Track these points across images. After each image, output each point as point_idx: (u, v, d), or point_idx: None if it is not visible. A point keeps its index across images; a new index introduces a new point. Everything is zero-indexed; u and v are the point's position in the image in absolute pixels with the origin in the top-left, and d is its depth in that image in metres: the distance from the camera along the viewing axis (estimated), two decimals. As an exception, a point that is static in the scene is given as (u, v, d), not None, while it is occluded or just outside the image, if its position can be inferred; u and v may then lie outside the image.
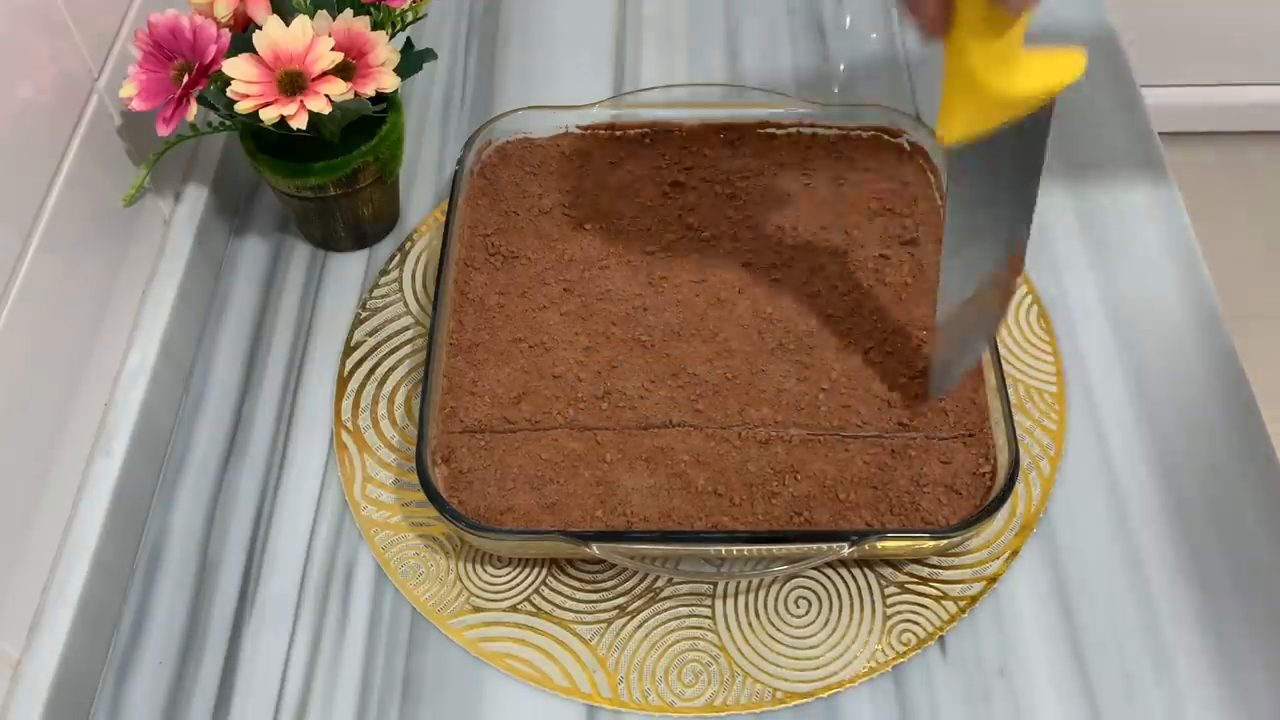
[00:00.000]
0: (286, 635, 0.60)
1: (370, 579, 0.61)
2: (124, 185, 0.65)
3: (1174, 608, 0.59)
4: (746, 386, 0.62)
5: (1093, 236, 0.73)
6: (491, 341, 0.64)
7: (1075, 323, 0.69)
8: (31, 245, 0.56)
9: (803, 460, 0.60)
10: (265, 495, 0.65)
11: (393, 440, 0.66)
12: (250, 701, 0.58)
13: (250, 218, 0.76)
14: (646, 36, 0.86)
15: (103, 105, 0.63)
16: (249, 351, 0.70)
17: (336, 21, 0.63)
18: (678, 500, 0.58)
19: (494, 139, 0.73)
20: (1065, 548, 0.61)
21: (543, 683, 0.58)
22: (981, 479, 0.59)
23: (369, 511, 0.63)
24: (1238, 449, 0.64)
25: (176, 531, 0.63)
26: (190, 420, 0.68)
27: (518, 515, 0.58)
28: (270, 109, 0.59)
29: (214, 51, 0.60)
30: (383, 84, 0.62)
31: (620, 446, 0.60)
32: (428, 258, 0.73)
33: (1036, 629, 0.59)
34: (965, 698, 0.57)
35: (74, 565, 0.57)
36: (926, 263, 0.67)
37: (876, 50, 0.84)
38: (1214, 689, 0.56)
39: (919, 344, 0.64)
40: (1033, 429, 0.65)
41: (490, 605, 0.60)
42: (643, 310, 0.66)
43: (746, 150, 0.72)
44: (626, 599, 0.60)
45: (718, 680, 0.57)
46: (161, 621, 0.60)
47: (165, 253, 0.69)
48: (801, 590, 0.60)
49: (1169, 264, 0.72)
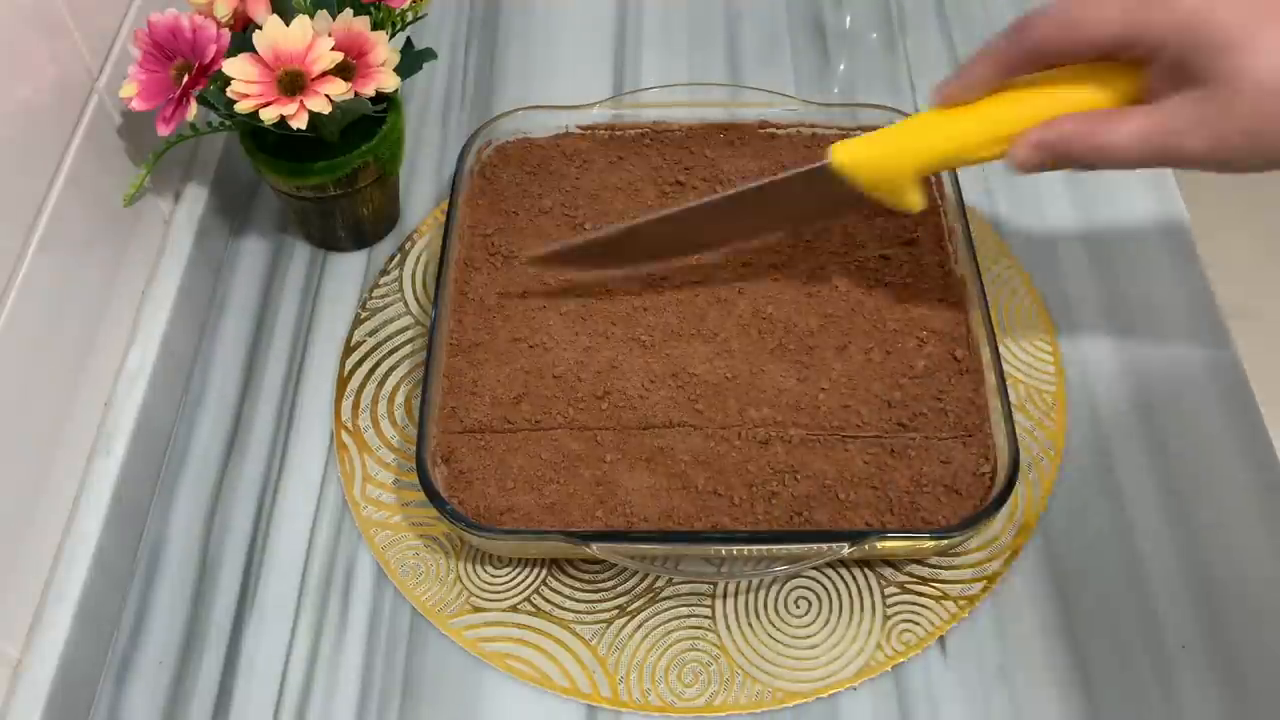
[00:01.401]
0: (286, 635, 0.60)
1: (370, 579, 0.61)
2: (124, 185, 0.65)
3: (1174, 608, 0.59)
4: (746, 386, 0.62)
5: (1093, 236, 0.73)
6: (491, 341, 0.64)
7: (1075, 323, 0.69)
8: (31, 245, 0.55)
9: (803, 460, 0.60)
10: (265, 495, 0.65)
11: (393, 440, 0.66)
12: (250, 701, 0.58)
13: (250, 218, 0.76)
14: (646, 36, 0.86)
15: (103, 105, 0.63)
16: (249, 351, 0.70)
17: (336, 21, 0.63)
18: (678, 500, 0.58)
19: (494, 139, 0.73)
20: (1065, 548, 0.61)
21: (543, 683, 0.58)
22: (981, 479, 0.59)
23: (369, 511, 0.63)
24: (1238, 449, 0.64)
25: (176, 531, 0.63)
26: (190, 420, 0.68)
27: (518, 515, 0.58)
28: (270, 109, 0.59)
29: (214, 51, 0.60)
30: (383, 84, 0.62)
31: (620, 446, 0.60)
32: (428, 258, 0.73)
33: (1036, 629, 0.59)
34: (965, 698, 0.57)
35: (74, 565, 0.57)
36: (926, 263, 0.67)
37: (876, 50, 0.84)
38: (1214, 689, 0.56)
39: (919, 344, 0.64)
40: (1033, 429, 0.65)
41: (490, 605, 0.60)
42: (643, 310, 0.66)
43: (746, 150, 0.72)
44: (626, 599, 0.60)
45: (718, 680, 0.57)
46: (161, 621, 0.60)
47: (165, 252, 0.69)
48: (801, 590, 0.60)
49: (1169, 264, 0.72)
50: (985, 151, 0.52)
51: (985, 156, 0.52)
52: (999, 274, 0.71)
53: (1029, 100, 0.50)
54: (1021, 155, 0.50)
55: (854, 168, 0.56)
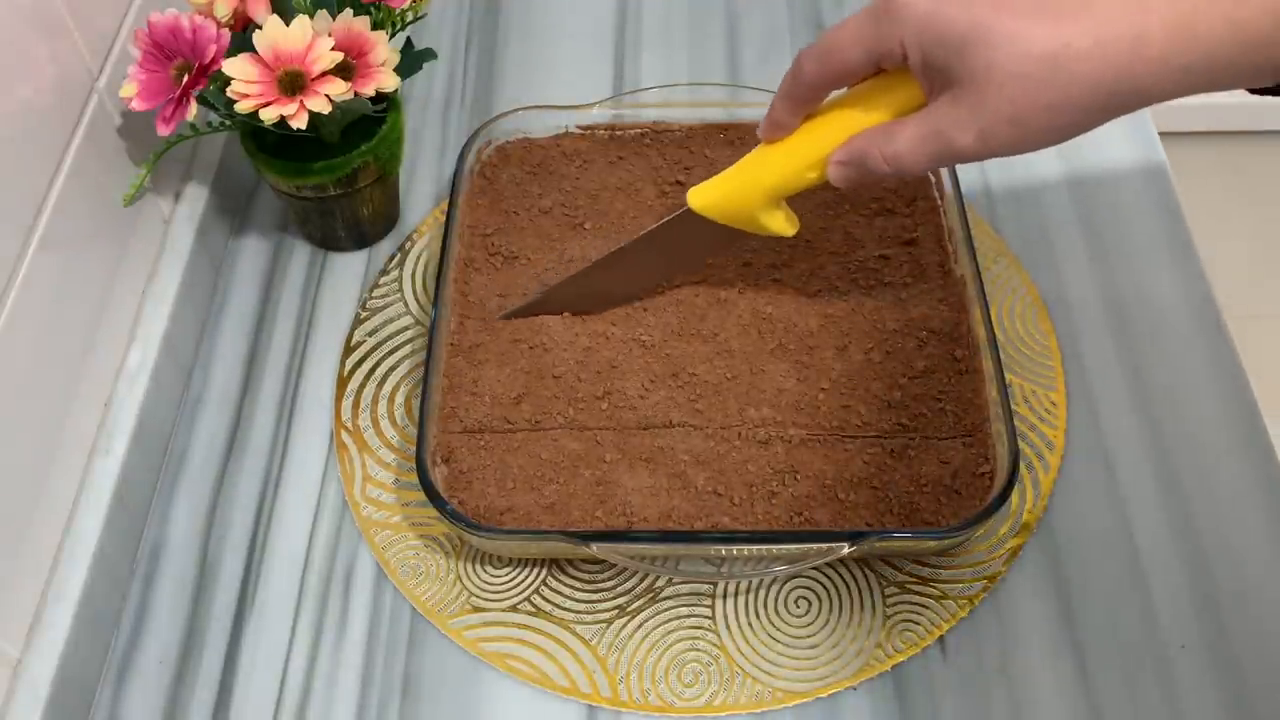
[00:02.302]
0: (286, 635, 0.60)
1: (370, 579, 0.61)
2: (124, 185, 0.65)
3: (1174, 608, 0.59)
4: (746, 386, 0.62)
5: (1093, 236, 0.73)
6: (492, 341, 0.64)
7: (1075, 323, 0.69)
8: (32, 244, 0.55)
9: (803, 460, 0.60)
10: (265, 495, 0.65)
11: (393, 440, 0.66)
12: (250, 701, 0.58)
13: (250, 218, 0.76)
14: (646, 36, 0.86)
15: (103, 105, 0.63)
16: (249, 351, 0.70)
17: (336, 21, 0.63)
18: (678, 500, 0.58)
19: (494, 139, 0.73)
20: (1065, 548, 0.61)
21: (542, 683, 0.58)
22: (981, 479, 0.59)
23: (369, 511, 0.63)
24: (1238, 449, 0.64)
25: (176, 531, 0.63)
26: (190, 419, 0.68)
27: (518, 515, 0.58)
28: (270, 109, 0.59)
29: (214, 51, 0.60)
30: (383, 84, 0.62)
31: (620, 446, 0.60)
32: (428, 258, 0.73)
33: (1036, 629, 0.59)
34: (965, 698, 0.57)
35: (74, 565, 0.57)
36: (926, 263, 0.67)
37: (876, 50, 0.84)
38: (1213, 689, 0.56)
39: (919, 344, 0.64)
40: (1033, 429, 0.65)
41: (490, 605, 0.60)
42: (643, 310, 0.66)
43: (746, 150, 0.72)
44: (626, 599, 0.60)
45: (718, 680, 0.57)
46: (161, 621, 0.60)
47: (165, 252, 0.69)
48: (801, 590, 0.60)
49: (1169, 264, 0.72)
50: (812, 173, 0.54)
51: (813, 178, 0.55)
52: (999, 274, 0.71)
53: (829, 124, 0.53)
54: (832, 174, 0.53)
55: (707, 209, 0.59)
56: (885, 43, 0.48)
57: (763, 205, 0.58)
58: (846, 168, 0.52)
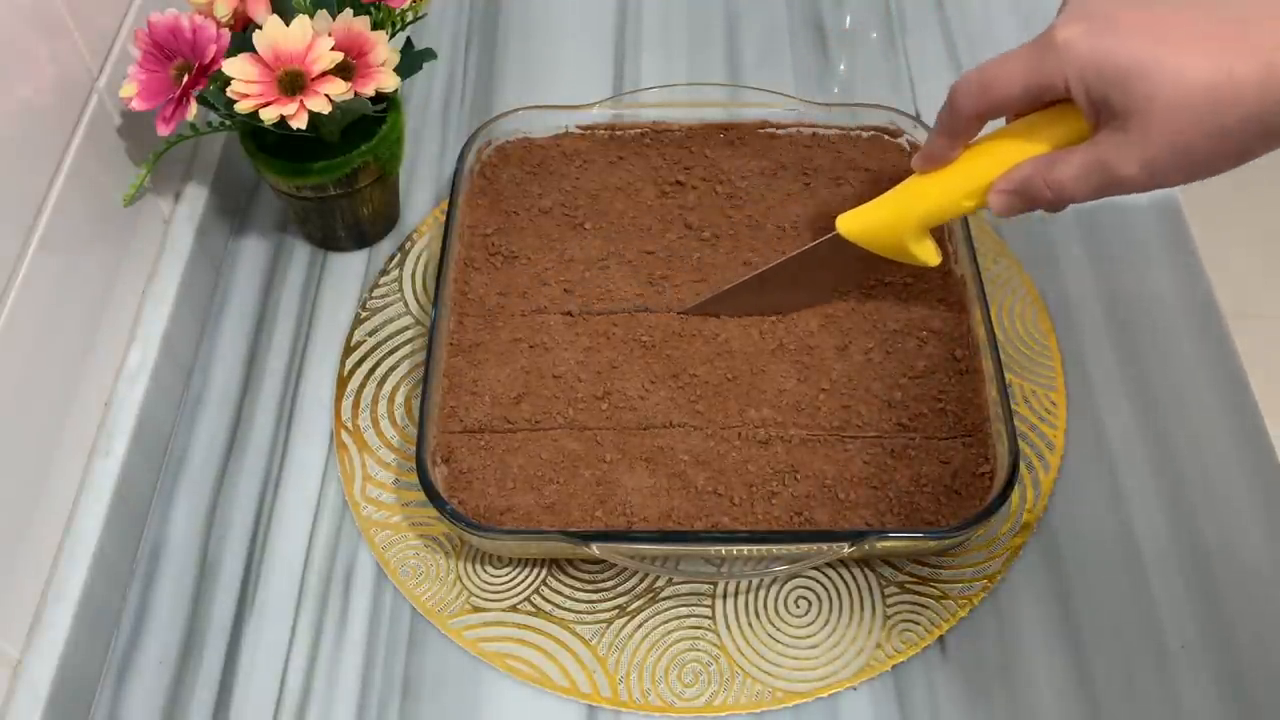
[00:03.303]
0: (286, 635, 0.60)
1: (370, 579, 0.61)
2: (124, 185, 0.65)
3: (1174, 607, 0.59)
4: (747, 387, 0.62)
5: (1093, 236, 0.73)
6: (492, 341, 0.64)
7: (1075, 323, 0.69)
8: (31, 244, 0.55)
9: (803, 460, 0.60)
10: (265, 495, 0.65)
11: (393, 440, 0.66)
12: (250, 701, 0.58)
13: (250, 217, 0.76)
14: (646, 36, 0.86)
15: (103, 105, 0.63)
16: (249, 351, 0.70)
17: (336, 21, 0.63)
18: (678, 500, 0.58)
19: (494, 139, 0.73)
20: (1065, 548, 0.61)
21: (543, 683, 0.58)
22: (981, 479, 0.59)
23: (369, 511, 0.63)
24: (1237, 449, 0.64)
25: (176, 531, 0.63)
26: (190, 420, 0.68)
27: (518, 515, 0.58)
28: (270, 109, 0.59)
29: (214, 51, 0.60)
30: (383, 84, 0.62)
31: (620, 446, 0.60)
32: (428, 258, 0.73)
33: (1036, 629, 0.59)
34: (965, 698, 0.57)
35: (74, 565, 0.57)
36: (926, 263, 0.67)
37: (876, 50, 0.84)
38: (1213, 689, 0.56)
39: (919, 344, 0.64)
40: (1033, 429, 0.65)
41: (490, 605, 0.60)
42: (643, 310, 0.66)
43: (746, 150, 0.72)
44: (626, 599, 0.60)
45: (718, 680, 0.57)
46: (161, 621, 0.60)
47: (165, 252, 0.69)
48: (801, 590, 0.60)
49: (1169, 264, 0.72)
50: (969, 202, 0.56)
51: (970, 206, 0.56)
52: (999, 274, 0.71)
53: (989, 154, 0.55)
54: (994, 202, 0.54)
55: (856, 235, 0.61)
56: (1047, 77, 0.49)
57: (914, 234, 0.59)
58: (1011, 196, 0.54)
